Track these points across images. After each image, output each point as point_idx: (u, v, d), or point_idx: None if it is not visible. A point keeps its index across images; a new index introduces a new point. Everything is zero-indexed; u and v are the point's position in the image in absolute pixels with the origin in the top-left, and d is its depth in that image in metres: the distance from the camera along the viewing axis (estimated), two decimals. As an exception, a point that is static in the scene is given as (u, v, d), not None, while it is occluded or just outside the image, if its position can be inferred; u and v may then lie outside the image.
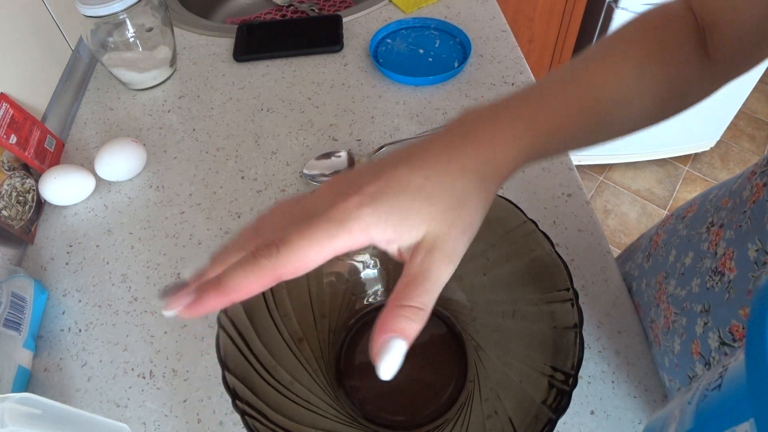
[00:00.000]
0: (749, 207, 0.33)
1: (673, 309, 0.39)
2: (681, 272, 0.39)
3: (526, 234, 0.38)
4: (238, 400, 0.31)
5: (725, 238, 0.34)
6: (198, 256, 0.53)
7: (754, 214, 0.32)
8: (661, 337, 0.41)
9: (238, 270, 0.23)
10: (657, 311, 0.42)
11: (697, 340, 0.35)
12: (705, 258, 0.36)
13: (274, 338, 0.39)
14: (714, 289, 0.34)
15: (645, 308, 0.45)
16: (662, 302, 0.41)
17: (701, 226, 0.39)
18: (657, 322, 0.42)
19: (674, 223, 0.45)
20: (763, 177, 0.33)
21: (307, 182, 0.58)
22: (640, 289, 0.46)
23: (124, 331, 0.49)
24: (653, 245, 0.47)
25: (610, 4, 1.29)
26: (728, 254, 0.33)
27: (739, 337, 0.31)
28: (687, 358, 0.36)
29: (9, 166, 0.55)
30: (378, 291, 0.46)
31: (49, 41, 0.67)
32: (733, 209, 0.35)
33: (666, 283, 0.41)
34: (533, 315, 0.38)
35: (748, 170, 0.37)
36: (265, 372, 0.36)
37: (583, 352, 0.32)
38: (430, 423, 0.40)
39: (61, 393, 0.46)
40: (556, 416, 0.30)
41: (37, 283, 0.50)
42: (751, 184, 0.34)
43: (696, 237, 0.39)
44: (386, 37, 0.72)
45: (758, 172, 0.34)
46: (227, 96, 0.68)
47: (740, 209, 0.34)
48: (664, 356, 0.40)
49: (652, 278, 0.44)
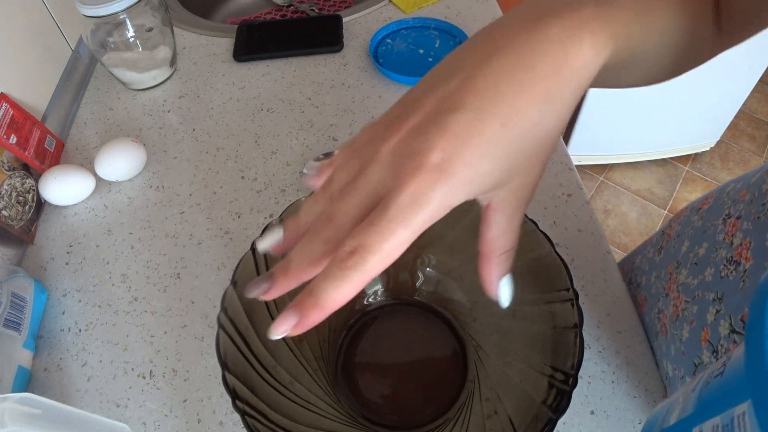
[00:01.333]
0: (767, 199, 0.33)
1: (683, 297, 0.39)
2: (694, 262, 0.39)
3: (526, 234, 0.38)
4: (238, 400, 0.31)
5: (742, 228, 0.34)
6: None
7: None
8: (669, 325, 0.41)
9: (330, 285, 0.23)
10: (665, 301, 0.42)
11: (707, 327, 0.35)
12: (720, 248, 0.36)
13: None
14: (728, 278, 0.34)
15: (652, 300, 0.45)
16: (672, 291, 0.41)
17: (717, 218, 0.39)
18: (665, 311, 0.42)
19: (689, 215, 0.45)
20: None
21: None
22: (649, 282, 0.46)
23: (124, 331, 0.49)
24: (665, 238, 0.47)
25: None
26: (745, 244, 0.33)
27: None
28: (695, 346, 0.36)
29: (9, 166, 0.55)
30: (378, 291, 0.46)
31: (49, 41, 0.67)
32: (751, 201, 0.35)
33: (677, 273, 0.41)
34: (533, 315, 0.38)
35: (767, 164, 0.37)
36: (265, 372, 0.36)
37: (583, 352, 0.32)
38: (430, 423, 0.40)
39: (61, 393, 0.46)
40: (556, 416, 0.30)
41: (37, 283, 0.50)
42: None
43: (711, 228, 0.39)
44: (386, 37, 0.72)
45: None
46: (227, 96, 0.68)
47: (759, 201, 0.34)
48: (670, 344, 0.40)
49: (662, 269, 0.44)
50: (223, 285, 0.51)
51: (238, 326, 0.35)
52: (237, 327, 0.35)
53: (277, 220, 0.39)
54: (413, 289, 0.46)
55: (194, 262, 0.53)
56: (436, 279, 0.45)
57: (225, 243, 0.54)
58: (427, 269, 0.45)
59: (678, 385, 0.40)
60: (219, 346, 0.33)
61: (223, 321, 0.34)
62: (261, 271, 0.38)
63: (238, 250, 0.54)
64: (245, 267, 0.37)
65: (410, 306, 0.46)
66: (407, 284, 0.46)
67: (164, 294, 0.51)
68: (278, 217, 0.39)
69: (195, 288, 0.51)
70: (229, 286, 0.35)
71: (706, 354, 0.35)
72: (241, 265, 0.36)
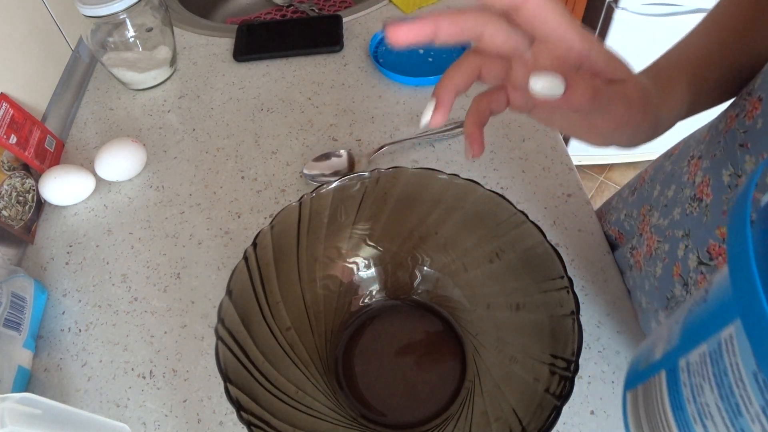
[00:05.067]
0: (723, 137, 0.35)
1: (656, 237, 0.42)
2: (664, 204, 0.42)
3: (517, 225, 0.39)
4: (243, 411, 0.31)
5: (702, 167, 0.37)
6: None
7: (727, 142, 0.34)
8: (643, 263, 0.43)
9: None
10: (639, 240, 0.45)
11: (678, 262, 0.37)
12: (685, 188, 0.39)
13: (271, 345, 0.39)
14: (693, 215, 0.36)
15: (627, 237, 0.48)
16: (645, 232, 0.44)
17: (683, 161, 0.41)
18: (639, 249, 0.45)
19: (662, 161, 0.48)
20: (735, 108, 0.35)
21: (307, 182, 0.58)
22: (619, 219, 0.51)
23: (124, 331, 0.49)
24: (639, 180, 0.50)
25: (610, 4, 1.29)
26: (705, 181, 0.36)
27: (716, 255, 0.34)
28: (668, 281, 0.39)
29: (9, 166, 0.55)
30: (374, 290, 0.46)
31: (49, 41, 0.67)
32: (710, 141, 0.37)
33: (650, 215, 0.44)
34: (530, 305, 0.38)
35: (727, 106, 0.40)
36: (266, 380, 0.36)
37: (582, 337, 0.32)
38: (432, 420, 0.40)
39: (61, 393, 0.46)
40: (560, 403, 0.30)
41: (37, 283, 0.50)
42: (726, 117, 0.36)
43: (678, 171, 0.41)
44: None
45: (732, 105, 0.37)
46: (227, 96, 0.68)
47: (715, 140, 0.36)
48: (644, 279, 0.43)
49: (634, 209, 0.48)
50: (223, 285, 0.51)
51: (236, 336, 0.35)
52: (235, 337, 0.35)
53: (268, 227, 0.38)
54: (410, 288, 0.46)
55: (194, 262, 0.53)
56: (434, 277, 0.45)
57: (225, 243, 0.54)
58: (424, 268, 0.46)
59: (651, 317, 0.42)
60: (219, 357, 0.33)
61: (221, 332, 0.34)
62: (255, 280, 0.38)
63: (238, 250, 0.54)
64: (239, 276, 0.37)
65: (407, 305, 0.46)
66: (405, 283, 0.46)
67: (164, 294, 0.51)
68: (269, 223, 0.39)
69: (195, 288, 0.51)
70: (224, 297, 0.35)
71: (678, 288, 0.37)
72: (235, 274, 0.36)
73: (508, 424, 0.34)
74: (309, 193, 0.40)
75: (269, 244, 0.39)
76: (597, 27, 1.38)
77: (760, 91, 0.32)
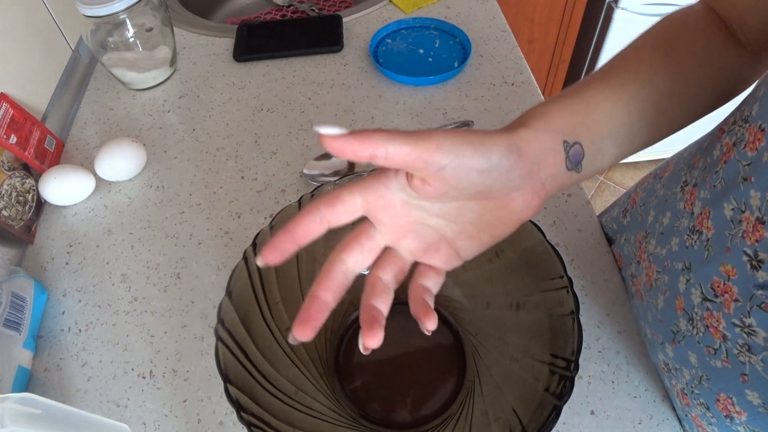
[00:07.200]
0: (721, 167, 0.34)
1: (654, 267, 0.40)
2: (660, 232, 0.40)
3: None
4: (243, 412, 0.31)
5: (700, 197, 0.35)
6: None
7: (727, 174, 0.33)
8: (644, 293, 0.42)
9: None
10: (638, 268, 0.44)
11: (680, 296, 0.36)
12: (682, 217, 0.37)
13: (271, 346, 0.38)
14: (693, 248, 0.35)
15: (626, 261, 0.47)
16: (643, 260, 0.43)
17: (676, 186, 0.40)
18: (639, 277, 0.43)
19: (652, 183, 0.46)
20: (732, 136, 0.33)
21: (307, 182, 0.58)
22: (620, 242, 0.49)
23: (124, 331, 0.49)
24: (630, 202, 0.49)
25: (610, 4, 1.29)
26: (705, 213, 0.34)
27: (721, 293, 0.32)
28: (671, 314, 0.37)
29: (9, 166, 0.55)
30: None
31: (49, 41, 0.67)
32: (705, 169, 0.36)
33: (646, 243, 0.43)
34: (530, 305, 0.38)
35: (716, 128, 0.38)
36: (266, 381, 0.36)
37: (582, 336, 0.32)
38: (432, 420, 0.40)
39: (61, 393, 0.46)
40: (560, 402, 0.30)
41: (37, 283, 0.50)
42: (721, 144, 0.35)
43: (672, 197, 0.40)
44: (386, 37, 0.72)
45: (726, 131, 0.35)
46: (227, 96, 0.68)
47: (712, 169, 0.35)
48: (647, 311, 0.42)
49: (632, 235, 0.46)
50: (223, 285, 0.51)
51: (236, 337, 0.35)
52: (235, 338, 0.35)
53: (268, 227, 0.38)
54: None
55: (194, 262, 0.53)
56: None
57: (225, 243, 0.54)
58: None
59: (657, 349, 0.40)
60: (219, 358, 0.33)
61: (221, 333, 0.34)
62: (254, 281, 0.38)
63: (238, 250, 0.54)
64: (239, 277, 0.37)
65: (407, 305, 0.46)
66: (405, 283, 0.46)
67: (164, 294, 0.51)
68: (269, 223, 0.39)
69: (195, 288, 0.51)
70: (224, 298, 0.35)
71: (683, 322, 0.36)
72: (235, 275, 0.36)
73: (508, 424, 0.34)
74: (309, 193, 0.40)
75: None
76: (597, 27, 1.38)
77: (760, 120, 0.30)
